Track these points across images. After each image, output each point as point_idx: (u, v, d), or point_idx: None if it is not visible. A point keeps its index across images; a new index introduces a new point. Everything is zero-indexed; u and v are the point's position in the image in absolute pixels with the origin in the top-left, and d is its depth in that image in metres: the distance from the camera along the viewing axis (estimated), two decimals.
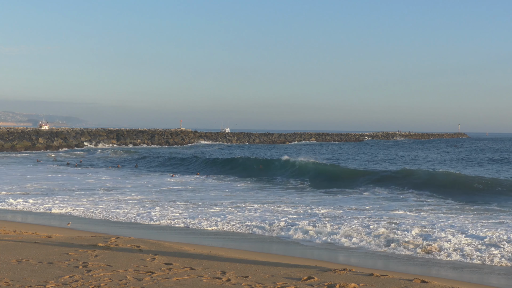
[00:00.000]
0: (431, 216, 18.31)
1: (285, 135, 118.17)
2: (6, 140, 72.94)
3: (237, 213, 18.90)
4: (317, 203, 21.95)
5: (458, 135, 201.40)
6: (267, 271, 9.39)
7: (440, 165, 46.78)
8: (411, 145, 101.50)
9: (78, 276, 8.73)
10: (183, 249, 11.60)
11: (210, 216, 18.17)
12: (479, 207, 21.37)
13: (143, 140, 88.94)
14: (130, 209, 19.81)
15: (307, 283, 8.59)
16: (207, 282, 8.56)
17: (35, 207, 20.51)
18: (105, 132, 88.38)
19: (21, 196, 23.11)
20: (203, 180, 33.46)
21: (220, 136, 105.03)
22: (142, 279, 8.67)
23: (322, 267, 9.84)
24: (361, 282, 8.70)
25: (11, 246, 11.35)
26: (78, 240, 12.51)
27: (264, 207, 20.54)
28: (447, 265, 11.78)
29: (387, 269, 11.03)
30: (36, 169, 39.39)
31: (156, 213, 18.96)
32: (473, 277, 10.76)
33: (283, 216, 18.10)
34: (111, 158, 54.89)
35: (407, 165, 44.43)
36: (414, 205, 21.64)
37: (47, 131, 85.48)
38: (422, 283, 8.72)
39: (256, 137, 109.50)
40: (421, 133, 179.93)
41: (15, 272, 8.98)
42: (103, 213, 19.08)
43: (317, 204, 21.75)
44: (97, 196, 24.01)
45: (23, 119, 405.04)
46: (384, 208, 20.48)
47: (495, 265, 11.75)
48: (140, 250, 11.21)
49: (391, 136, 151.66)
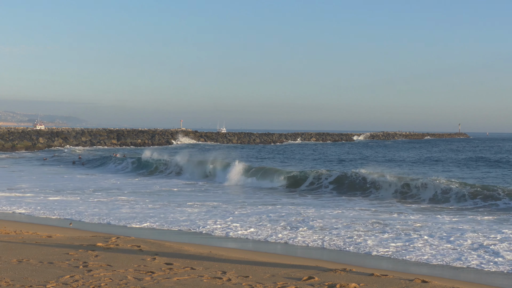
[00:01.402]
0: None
1: (285, 135, 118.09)
2: (6, 140, 72.97)
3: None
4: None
5: (459, 135, 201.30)
6: (268, 271, 9.40)
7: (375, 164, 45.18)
8: (398, 145, 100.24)
9: (79, 276, 8.73)
10: (183, 249, 11.61)
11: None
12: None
13: (144, 140, 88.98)
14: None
15: (307, 283, 8.59)
16: (208, 282, 8.56)
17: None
18: (106, 132, 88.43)
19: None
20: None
21: (221, 136, 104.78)
22: (142, 279, 8.67)
23: (323, 267, 9.84)
24: (361, 282, 8.70)
25: (12, 246, 11.35)
26: (79, 240, 12.51)
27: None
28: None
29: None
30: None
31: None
32: (470, 277, 10.75)
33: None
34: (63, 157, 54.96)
35: (345, 165, 45.24)
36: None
37: (47, 131, 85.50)
38: (423, 283, 8.72)
39: (256, 137, 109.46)
40: (421, 133, 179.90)
41: (16, 272, 8.98)
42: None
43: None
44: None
45: (23, 119, 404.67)
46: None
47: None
48: (141, 250, 11.21)
49: (391, 136, 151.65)
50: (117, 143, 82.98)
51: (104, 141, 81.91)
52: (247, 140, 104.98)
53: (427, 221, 17.30)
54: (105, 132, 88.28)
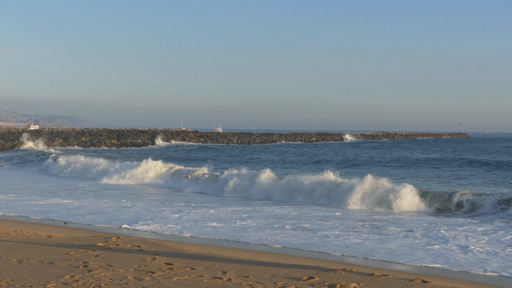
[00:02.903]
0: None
1: (285, 135, 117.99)
2: (6, 140, 72.96)
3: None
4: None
5: (459, 135, 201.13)
6: (268, 271, 9.40)
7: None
8: (389, 144, 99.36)
9: (79, 276, 8.73)
10: (183, 249, 11.61)
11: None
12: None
13: (144, 140, 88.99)
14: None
15: (307, 283, 8.59)
16: (208, 282, 8.57)
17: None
18: (106, 132, 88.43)
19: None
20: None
21: (221, 136, 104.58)
22: (142, 279, 8.67)
23: (323, 267, 9.84)
24: (361, 282, 8.70)
25: (12, 246, 11.35)
26: (79, 240, 12.51)
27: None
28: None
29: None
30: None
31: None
32: (472, 277, 10.73)
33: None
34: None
35: (293, 166, 44.04)
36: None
37: (47, 131, 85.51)
38: (423, 283, 8.72)
39: (256, 137, 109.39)
40: (421, 132, 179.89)
41: (16, 272, 8.98)
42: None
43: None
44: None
45: (24, 119, 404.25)
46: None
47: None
48: (141, 250, 11.21)
49: (391, 136, 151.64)
50: (117, 143, 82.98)
51: (104, 141, 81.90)
52: (247, 140, 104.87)
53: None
54: (105, 132, 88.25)
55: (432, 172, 38.05)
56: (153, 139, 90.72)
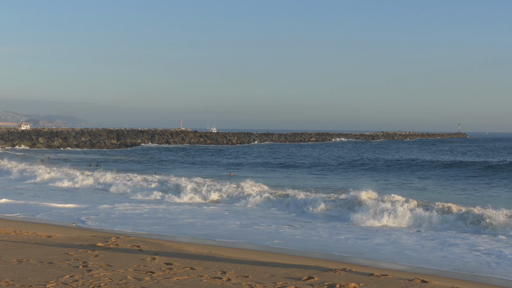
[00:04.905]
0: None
1: (285, 135, 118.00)
2: (6, 140, 72.90)
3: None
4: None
5: (458, 135, 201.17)
6: (267, 271, 9.39)
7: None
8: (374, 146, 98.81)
9: (78, 276, 8.73)
10: (183, 249, 11.60)
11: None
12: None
13: (143, 140, 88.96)
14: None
15: (307, 283, 8.59)
16: (207, 282, 8.56)
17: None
18: (105, 132, 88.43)
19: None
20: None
21: (221, 137, 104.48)
22: (142, 279, 8.67)
23: (322, 267, 9.83)
24: (361, 282, 8.70)
25: (11, 246, 11.34)
26: (78, 240, 12.50)
27: None
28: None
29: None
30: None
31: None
32: (472, 277, 10.74)
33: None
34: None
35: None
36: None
37: (47, 131, 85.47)
38: (422, 282, 8.71)
39: (256, 137, 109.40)
40: (421, 132, 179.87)
41: (16, 272, 8.98)
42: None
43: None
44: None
45: (23, 119, 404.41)
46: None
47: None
48: (140, 250, 11.21)
49: (391, 136, 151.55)
50: (116, 143, 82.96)
51: (104, 141, 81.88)
52: (247, 140, 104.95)
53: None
54: (105, 132, 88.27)
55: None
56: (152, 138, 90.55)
